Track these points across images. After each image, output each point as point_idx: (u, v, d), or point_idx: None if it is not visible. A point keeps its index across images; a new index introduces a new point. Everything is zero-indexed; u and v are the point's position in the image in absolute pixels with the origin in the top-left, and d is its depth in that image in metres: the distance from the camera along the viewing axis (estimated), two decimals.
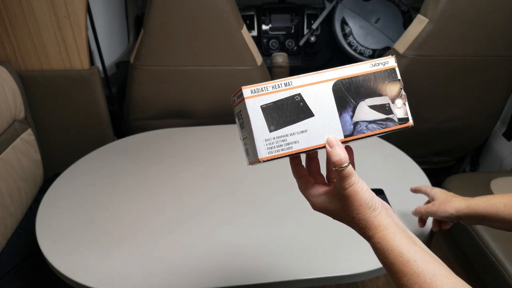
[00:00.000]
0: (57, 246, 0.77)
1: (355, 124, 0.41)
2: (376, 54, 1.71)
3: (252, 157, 0.40)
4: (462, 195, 0.68)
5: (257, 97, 0.39)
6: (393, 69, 0.42)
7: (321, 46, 1.97)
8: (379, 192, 0.88)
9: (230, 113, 1.32)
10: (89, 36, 1.19)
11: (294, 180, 0.46)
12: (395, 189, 0.90)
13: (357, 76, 0.41)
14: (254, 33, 1.86)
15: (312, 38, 1.82)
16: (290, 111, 0.39)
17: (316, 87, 0.40)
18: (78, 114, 1.24)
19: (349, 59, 1.74)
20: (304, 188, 0.44)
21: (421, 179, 0.95)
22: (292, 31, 1.87)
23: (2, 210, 0.96)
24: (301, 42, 1.82)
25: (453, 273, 0.36)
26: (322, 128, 0.40)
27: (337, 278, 0.71)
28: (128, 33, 1.80)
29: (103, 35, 1.47)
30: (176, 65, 1.22)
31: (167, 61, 1.21)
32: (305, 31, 1.85)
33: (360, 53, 1.71)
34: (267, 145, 0.39)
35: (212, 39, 1.17)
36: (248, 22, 1.85)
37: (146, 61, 1.20)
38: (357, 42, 1.71)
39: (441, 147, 1.52)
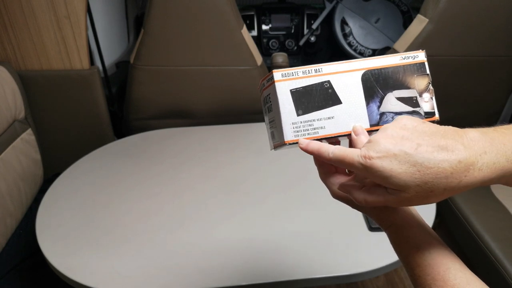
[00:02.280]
0: (57, 246, 0.77)
1: (382, 114, 0.41)
2: (376, 54, 1.71)
3: (278, 139, 0.41)
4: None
5: (287, 81, 0.40)
6: (423, 64, 0.42)
7: (321, 46, 1.97)
8: None
9: (230, 113, 1.34)
10: (89, 36, 1.19)
11: (294, 181, 0.46)
12: None
13: (386, 68, 0.41)
14: (254, 33, 1.86)
15: (312, 38, 1.82)
16: (319, 97, 0.40)
17: (346, 75, 0.41)
18: (78, 114, 1.24)
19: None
20: (325, 176, 0.45)
21: None
22: (292, 31, 1.87)
23: (2, 210, 0.96)
24: (301, 42, 1.82)
25: (467, 268, 0.36)
26: (349, 116, 0.41)
27: (337, 278, 0.71)
28: (128, 33, 1.80)
29: (103, 35, 1.47)
30: (176, 65, 1.22)
31: (167, 61, 1.21)
32: (305, 31, 1.85)
33: (360, 53, 1.71)
34: (294, 128, 0.40)
35: (212, 39, 1.17)
36: (248, 22, 1.85)
37: (146, 61, 1.20)
38: (357, 42, 1.71)
39: None
